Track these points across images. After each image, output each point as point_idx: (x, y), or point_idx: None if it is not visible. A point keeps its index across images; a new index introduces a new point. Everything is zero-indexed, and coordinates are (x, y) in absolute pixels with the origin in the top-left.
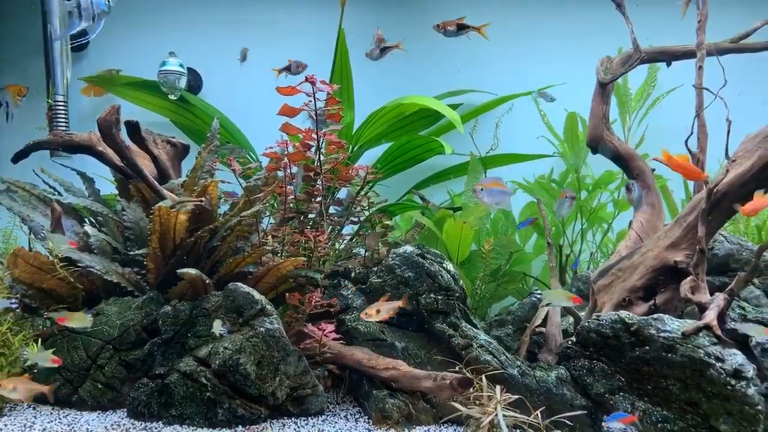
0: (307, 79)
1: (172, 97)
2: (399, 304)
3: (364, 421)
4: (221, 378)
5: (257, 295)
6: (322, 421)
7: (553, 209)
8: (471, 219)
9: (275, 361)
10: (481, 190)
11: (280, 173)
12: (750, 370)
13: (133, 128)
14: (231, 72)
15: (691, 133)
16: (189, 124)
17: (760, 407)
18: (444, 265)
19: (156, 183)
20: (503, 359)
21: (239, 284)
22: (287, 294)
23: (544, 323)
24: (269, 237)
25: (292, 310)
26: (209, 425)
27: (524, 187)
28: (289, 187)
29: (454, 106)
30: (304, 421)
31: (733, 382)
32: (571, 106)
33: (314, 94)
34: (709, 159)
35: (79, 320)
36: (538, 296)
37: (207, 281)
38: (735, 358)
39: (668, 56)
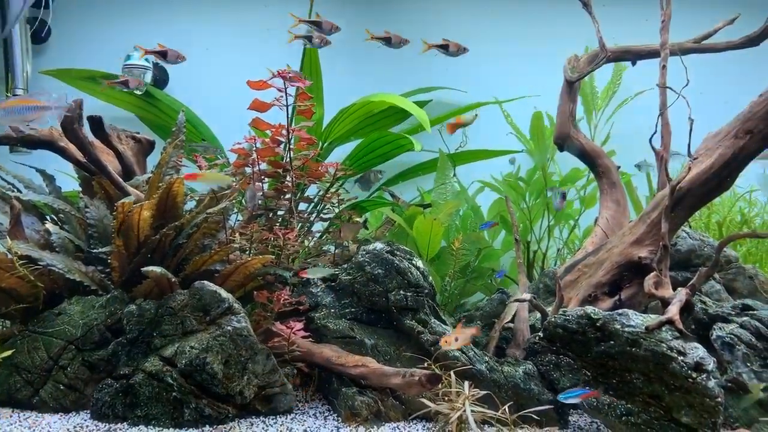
0: (279, 74)
1: (137, 92)
2: (474, 331)
3: (333, 419)
4: (188, 377)
5: (224, 294)
6: (291, 419)
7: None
8: (441, 216)
9: (243, 359)
10: None
11: (248, 170)
12: (710, 363)
13: (97, 123)
14: (198, 67)
15: (655, 132)
16: (155, 119)
17: (719, 399)
18: (413, 261)
19: (120, 179)
20: (472, 355)
21: (206, 282)
22: (255, 292)
23: (513, 318)
24: (237, 234)
25: (260, 308)
26: (175, 425)
27: (491, 186)
28: (257, 184)
29: (423, 103)
30: (272, 419)
31: (694, 375)
32: (539, 105)
33: (286, 89)
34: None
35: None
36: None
37: (173, 279)
38: (696, 351)
39: (633, 55)
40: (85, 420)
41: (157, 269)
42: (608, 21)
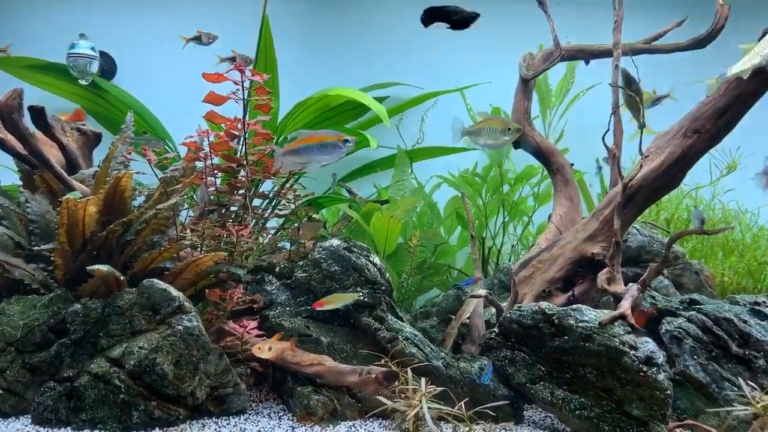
0: (236, 67)
1: (82, 82)
2: (287, 345)
3: (288, 419)
4: (136, 379)
5: (174, 292)
6: (245, 420)
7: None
8: (398, 212)
9: (194, 360)
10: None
11: (200, 164)
12: (660, 357)
13: (38, 114)
14: (147, 57)
15: (608, 130)
16: (102, 111)
17: (668, 392)
18: (371, 258)
19: (64, 173)
20: (428, 351)
21: (155, 280)
22: (207, 290)
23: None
24: (188, 231)
25: (212, 306)
26: (123, 429)
27: (449, 181)
28: (209, 178)
29: (380, 99)
30: (225, 420)
31: (645, 368)
32: (495, 102)
33: (243, 82)
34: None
35: None
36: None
37: (120, 278)
38: (647, 345)
39: (586, 54)
40: (26, 425)
41: (104, 267)
42: (561, 20)
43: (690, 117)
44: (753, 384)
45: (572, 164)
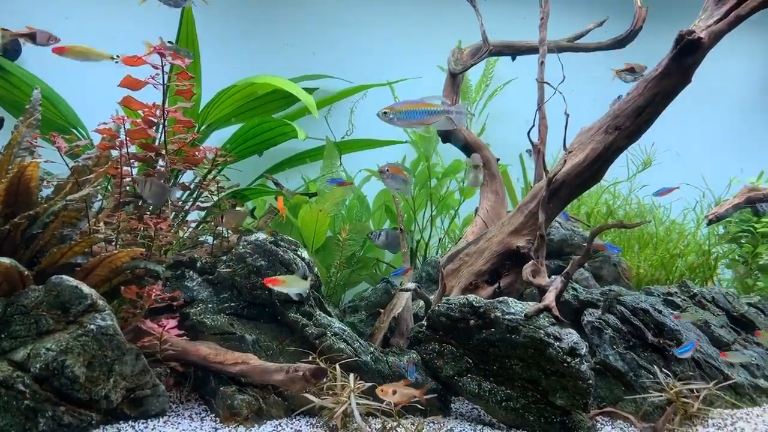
0: (156, 50)
1: None
2: (415, 393)
3: (211, 420)
4: (43, 383)
5: (86, 289)
6: (164, 422)
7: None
8: (327, 205)
9: (109, 361)
10: (387, 171)
11: (115, 152)
12: (583, 347)
13: None
14: (56, 36)
15: (533, 125)
16: (4, 94)
17: (591, 381)
18: (299, 252)
19: None
20: (357, 346)
21: (65, 277)
22: (123, 287)
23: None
24: (102, 224)
25: (129, 304)
26: None
27: (378, 175)
28: (125, 168)
29: (309, 90)
30: (143, 424)
31: (569, 359)
32: (424, 95)
33: (163, 66)
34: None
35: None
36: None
37: (25, 273)
38: (571, 337)
39: (513, 50)
40: None
41: (6, 260)
42: (488, 16)
43: (611, 114)
44: (667, 371)
45: (498, 159)
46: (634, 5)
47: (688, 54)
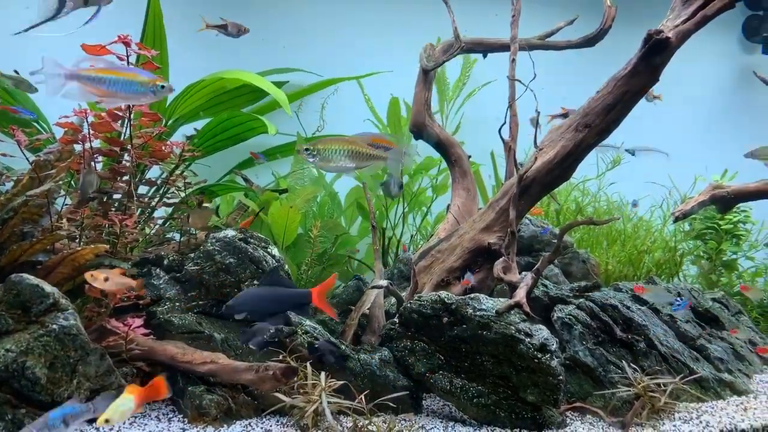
0: (120, 39)
1: None
2: (131, 283)
3: (179, 420)
4: (3, 385)
5: (48, 288)
6: (130, 423)
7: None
8: (298, 202)
9: (72, 362)
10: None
11: (78, 147)
12: (554, 343)
13: None
14: (14, 22)
15: (504, 123)
16: None
17: (561, 377)
18: (269, 249)
19: None
20: None
21: (25, 275)
22: (87, 285)
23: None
24: (64, 220)
25: (93, 303)
26: None
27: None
28: (89, 163)
29: (279, 84)
30: (107, 425)
31: (539, 355)
32: (395, 92)
33: (128, 56)
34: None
35: None
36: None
37: None
38: (541, 333)
39: (484, 48)
40: None
41: None
42: (460, 13)
43: (581, 112)
44: (635, 366)
45: (470, 156)
46: (603, 4)
47: (656, 53)
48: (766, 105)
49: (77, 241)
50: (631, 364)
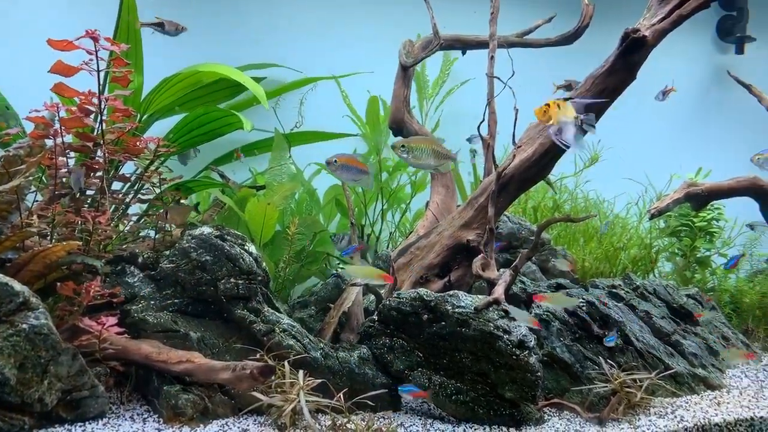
0: (88, 34)
1: None
2: None
3: (154, 421)
4: None
5: (18, 286)
6: (104, 424)
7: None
8: (275, 199)
9: (43, 362)
10: (336, 161)
11: (50, 141)
12: (532, 340)
13: None
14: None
15: (483, 120)
16: None
17: (539, 373)
18: (246, 247)
19: None
20: (306, 342)
21: None
22: (59, 283)
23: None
24: (35, 217)
25: (65, 302)
26: None
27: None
28: (60, 159)
29: (256, 80)
30: (80, 427)
31: (518, 352)
32: (374, 89)
33: (97, 51)
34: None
35: None
36: (342, 273)
37: None
38: (520, 329)
39: (463, 44)
40: None
41: None
42: (439, 10)
43: None
44: (611, 362)
45: None
46: (581, 3)
47: (633, 51)
48: (739, 104)
49: (48, 238)
50: (608, 360)
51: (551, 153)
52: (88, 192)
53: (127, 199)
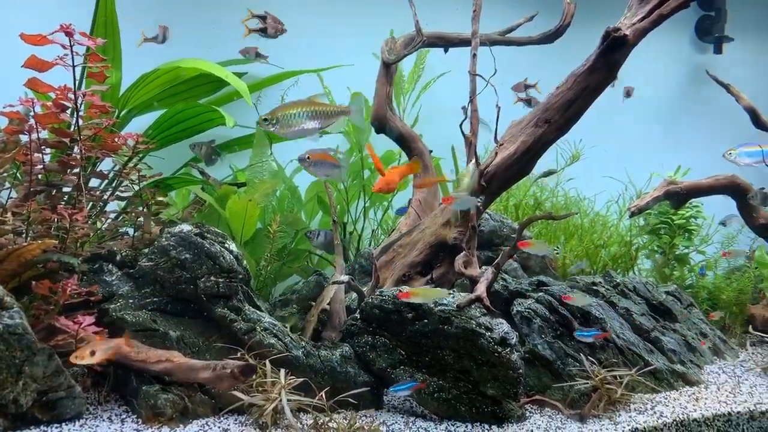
0: (62, 28)
1: None
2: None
3: (132, 421)
4: None
5: None
6: (80, 425)
7: None
8: (257, 196)
9: (18, 362)
10: (308, 158)
11: (24, 137)
12: (514, 337)
13: None
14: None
15: (465, 117)
16: None
17: (521, 371)
18: (226, 245)
19: None
20: (288, 341)
21: None
22: (34, 282)
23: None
24: (9, 214)
25: (41, 300)
26: None
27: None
28: (36, 155)
29: (238, 75)
30: (56, 428)
31: (500, 349)
32: (356, 85)
33: (72, 46)
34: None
35: None
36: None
37: None
38: (501, 327)
39: (445, 42)
40: None
41: None
42: (422, 7)
43: (541, 108)
44: (592, 359)
45: (431, 151)
46: (563, 1)
47: (614, 50)
48: (717, 103)
49: (23, 236)
50: (589, 357)
51: (533, 151)
52: (65, 189)
53: (105, 196)
